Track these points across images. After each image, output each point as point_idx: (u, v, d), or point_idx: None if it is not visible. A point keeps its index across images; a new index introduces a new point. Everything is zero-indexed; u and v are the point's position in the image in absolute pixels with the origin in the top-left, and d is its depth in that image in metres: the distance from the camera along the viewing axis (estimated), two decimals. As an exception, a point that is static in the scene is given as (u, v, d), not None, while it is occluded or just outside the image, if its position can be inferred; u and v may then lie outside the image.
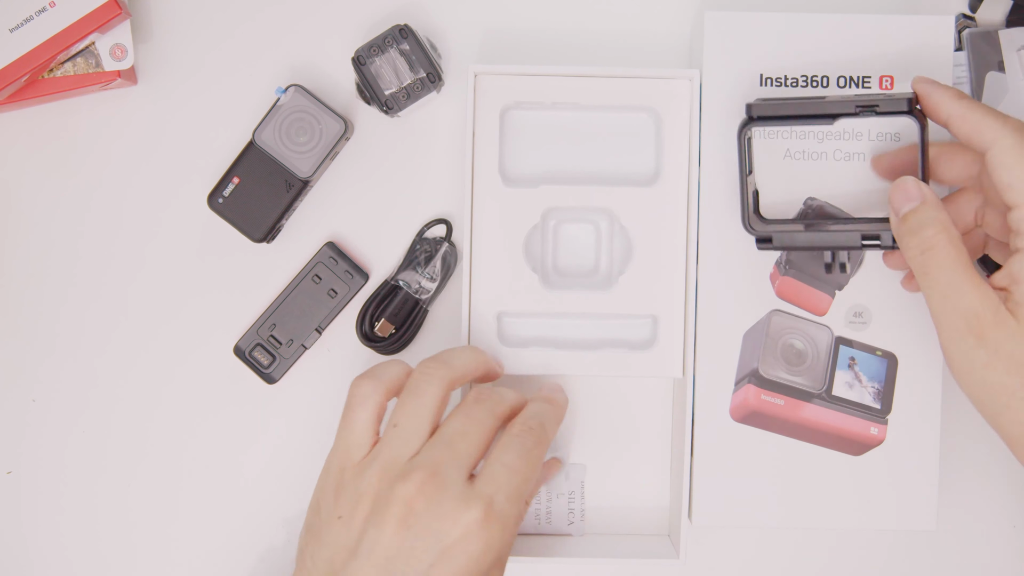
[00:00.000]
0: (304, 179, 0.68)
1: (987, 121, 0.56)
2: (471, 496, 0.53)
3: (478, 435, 0.56)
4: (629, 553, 0.69)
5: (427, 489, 0.53)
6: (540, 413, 0.59)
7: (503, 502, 0.54)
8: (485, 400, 0.58)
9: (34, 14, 0.65)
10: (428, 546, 0.53)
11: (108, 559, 0.72)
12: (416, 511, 0.53)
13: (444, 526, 0.53)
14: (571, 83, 0.68)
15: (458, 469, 0.54)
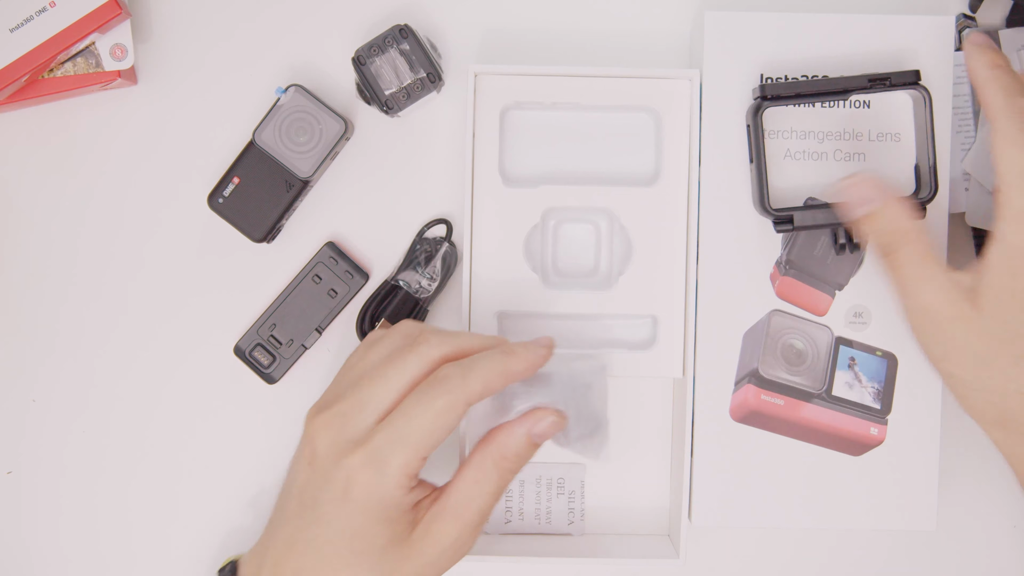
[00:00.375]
0: (304, 179, 0.68)
1: (992, 98, 0.56)
2: (360, 441, 0.54)
3: (396, 380, 0.55)
4: (629, 553, 0.69)
5: (328, 431, 0.55)
6: (468, 364, 0.55)
7: (384, 447, 0.53)
8: (419, 345, 0.56)
9: (34, 14, 0.65)
10: (324, 484, 0.54)
11: (107, 559, 0.72)
12: (318, 451, 0.55)
13: (333, 467, 0.54)
14: (571, 83, 0.68)
15: (363, 412, 0.55)
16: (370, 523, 0.54)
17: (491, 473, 0.56)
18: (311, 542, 0.55)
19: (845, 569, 0.73)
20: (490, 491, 0.56)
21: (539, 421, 0.57)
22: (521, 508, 0.71)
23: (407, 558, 0.55)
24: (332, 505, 0.54)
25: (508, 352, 0.56)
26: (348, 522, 0.54)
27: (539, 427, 0.57)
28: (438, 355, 0.56)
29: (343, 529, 0.54)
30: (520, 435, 0.56)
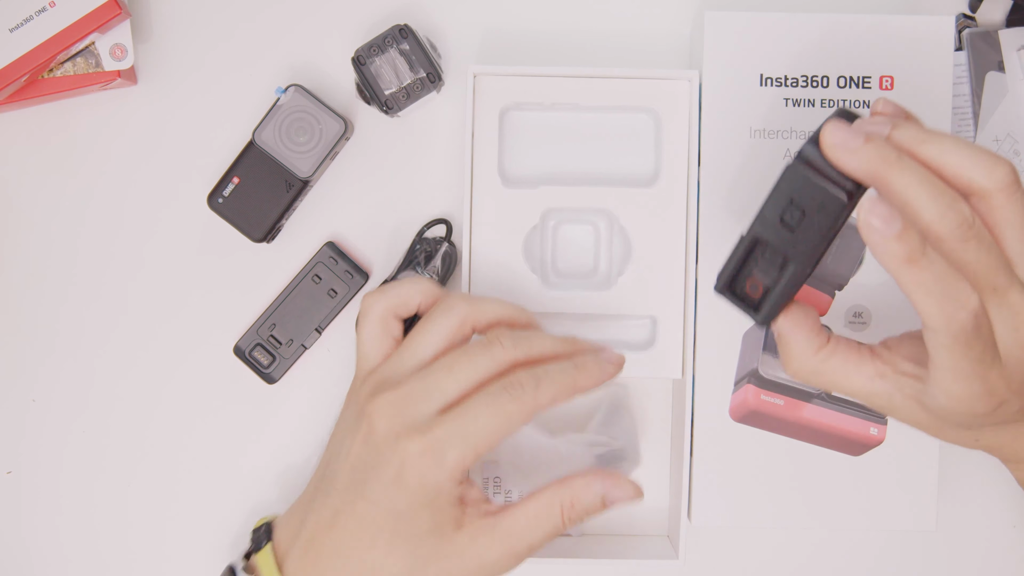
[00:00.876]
0: (304, 179, 0.68)
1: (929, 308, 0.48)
2: (420, 428, 0.54)
3: (465, 374, 0.55)
4: (628, 554, 0.69)
5: (389, 411, 0.55)
6: (542, 375, 0.55)
7: (445, 440, 0.53)
8: (493, 345, 0.57)
9: (34, 14, 0.65)
10: (378, 463, 0.55)
11: (107, 559, 0.72)
12: (376, 430, 0.55)
13: (389, 448, 0.54)
14: (570, 84, 0.68)
15: (427, 400, 0.55)
16: (417, 508, 0.54)
17: (554, 517, 0.56)
18: (355, 517, 0.55)
19: (845, 569, 0.73)
20: (547, 532, 0.56)
21: (617, 488, 0.57)
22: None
23: (445, 555, 0.55)
24: (383, 485, 0.54)
25: (580, 367, 0.56)
26: (396, 504, 0.54)
27: (615, 494, 0.57)
28: (511, 359, 0.56)
29: (389, 510, 0.54)
30: (596, 494, 0.56)
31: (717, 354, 0.67)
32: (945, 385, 0.50)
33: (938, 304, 0.47)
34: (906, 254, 0.46)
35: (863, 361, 0.53)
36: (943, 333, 0.48)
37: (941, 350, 0.48)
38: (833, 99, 0.66)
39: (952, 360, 0.48)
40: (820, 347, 0.53)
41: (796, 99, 0.66)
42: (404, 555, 0.55)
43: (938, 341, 0.48)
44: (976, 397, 0.49)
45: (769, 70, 0.66)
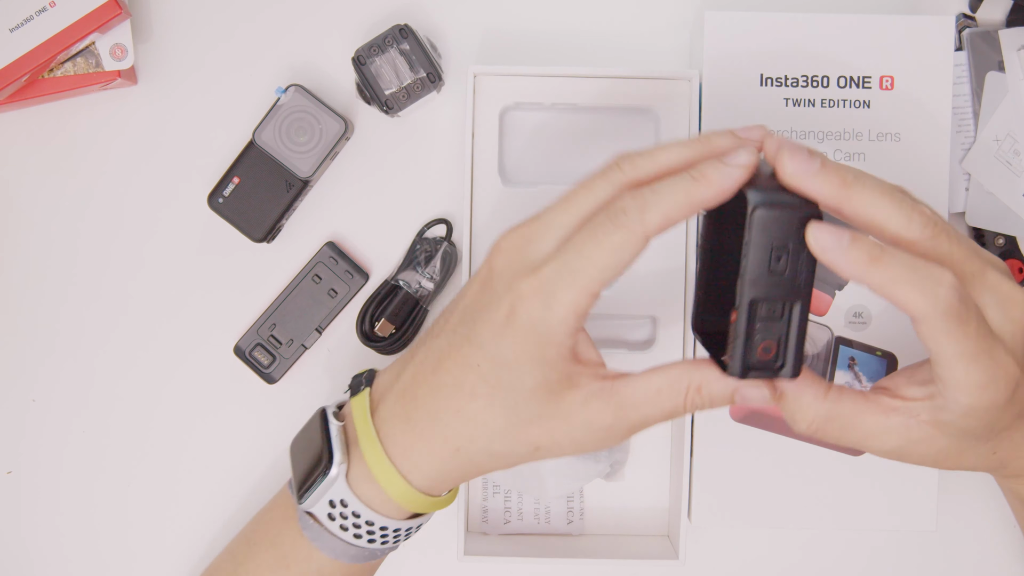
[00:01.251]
0: (304, 179, 0.68)
1: (916, 299, 0.47)
2: (534, 267, 0.50)
3: (580, 206, 0.50)
4: (628, 554, 0.69)
5: (509, 250, 0.51)
6: (649, 195, 0.48)
7: (554, 279, 0.49)
8: (612, 169, 0.51)
9: (34, 14, 0.65)
10: (490, 303, 0.51)
11: (107, 559, 0.72)
12: (494, 269, 0.51)
13: (503, 287, 0.50)
14: (570, 83, 0.68)
15: (544, 237, 0.50)
16: (525, 359, 0.50)
17: (678, 396, 0.51)
18: (459, 362, 0.52)
19: (845, 569, 0.73)
20: (666, 410, 0.51)
21: (753, 388, 0.51)
22: (520, 508, 0.71)
23: (550, 415, 0.51)
24: (491, 327, 0.50)
25: (697, 178, 0.48)
26: (503, 351, 0.50)
27: (750, 394, 0.51)
28: (628, 179, 0.50)
29: (495, 356, 0.50)
30: (728, 390, 0.51)
31: (717, 354, 0.67)
32: (958, 378, 0.48)
33: (916, 289, 0.46)
34: (868, 255, 0.46)
35: (871, 400, 0.51)
36: (933, 316, 0.46)
37: (939, 336, 0.47)
38: (833, 99, 0.66)
39: (954, 342, 0.47)
40: (827, 390, 0.51)
41: (796, 99, 0.66)
42: (506, 410, 0.51)
43: (933, 328, 0.47)
44: (992, 380, 0.48)
45: (769, 70, 0.66)
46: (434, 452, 0.53)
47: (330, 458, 0.55)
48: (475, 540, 0.70)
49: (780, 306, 0.48)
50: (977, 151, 0.69)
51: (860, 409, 0.51)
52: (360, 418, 0.55)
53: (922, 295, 0.46)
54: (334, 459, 0.54)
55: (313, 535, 0.56)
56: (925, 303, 0.46)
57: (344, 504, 0.55)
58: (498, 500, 0.71)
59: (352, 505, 0.55)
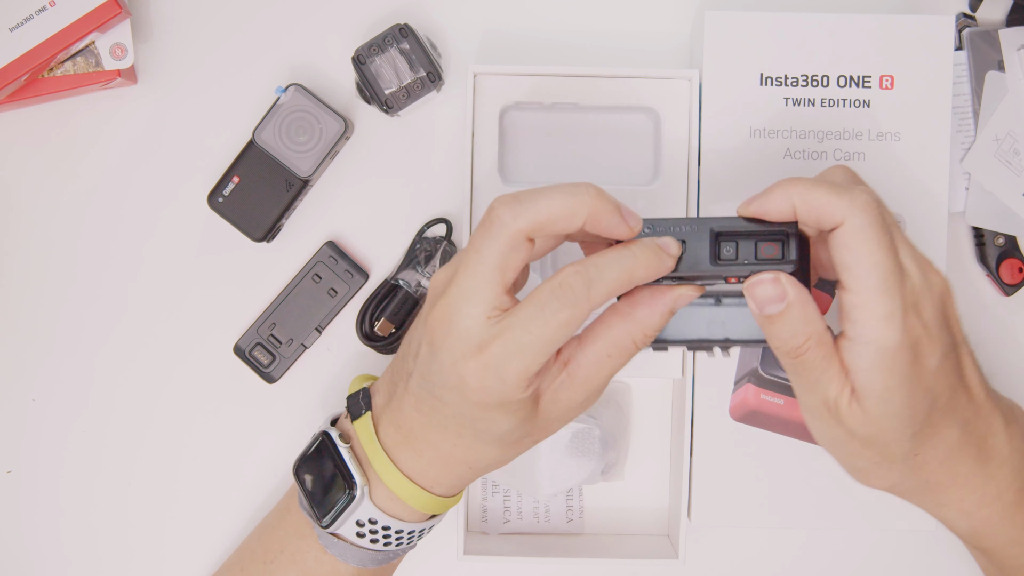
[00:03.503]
0: (304, 178, 0.68)
1: (833, 200, 0.50)
2: (475, 349, 0.51)
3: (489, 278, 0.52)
4: (628, 553, 0.69)
5: (443, 329, 0.52)
6: (594, 275, 0.51)
7: (503, 357, 0.50)
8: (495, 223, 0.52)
9: (34, 13, 0.65)
10: (443, 378, 0.52)
11: (107, 558, 0.72)
12: (436, 345, 0.52)
13: (451, 368, 0.52)
14: (570, 83, 0.68)
15: (473, 313, 0.51)
16: (490, 414, 0.52)
17: (628, 349, 0.53)
18: (434, 409, 0.54)
19: (845, 569, 0.73)
20: (621, 364, 0.53)
21: (681, 297, 0.53)
22: (520, 508, 0.71)
23: (534, 428, 0.54)
24: (451, 394, 0.52)
25: (632, 257, 0.51)
26: (467, 410, 0.52)
27: (679, 302, 0.53)
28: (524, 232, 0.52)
29: (463, 414, 0.53)
30: (664, 311, 0.52)
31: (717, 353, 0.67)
32: (866, 299, 0.49)
33: (834, 194, 0.49)
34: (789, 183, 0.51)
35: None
36: (850, 217, 0.49)
37: (856, 240, 0.49)
38: (833, 98, 0.66)
39: (868, 250, 0.49)
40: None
41: (796, 99, 0.66)
42: (493, 443, 0.54)
43: (849, 232, 0.49)
44: (897, 315, 0.49)
45: (769, 70, 0.66)
46: (451, 469, 0.56)
47: (351, 482, 0.56)
48: (475, 539, 0.70)
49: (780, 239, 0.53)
50: (977, 151, 0.69)
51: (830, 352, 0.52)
52: (369, 442, 0.57)
53: (839, 198, 0.49)
54: (356, 482, 0.56)
55: (339, 552, 0.58)
56: (842, 203, 0.49)
57: (373, 521, 0.57)
58: (497, 499, 0.71)
59: (381, 520, 0.57)
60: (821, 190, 0.50)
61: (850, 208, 0.49)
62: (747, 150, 0.66)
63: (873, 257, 0.49)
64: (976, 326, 0.72)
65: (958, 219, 0.70)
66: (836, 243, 0.50)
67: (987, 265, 0.71)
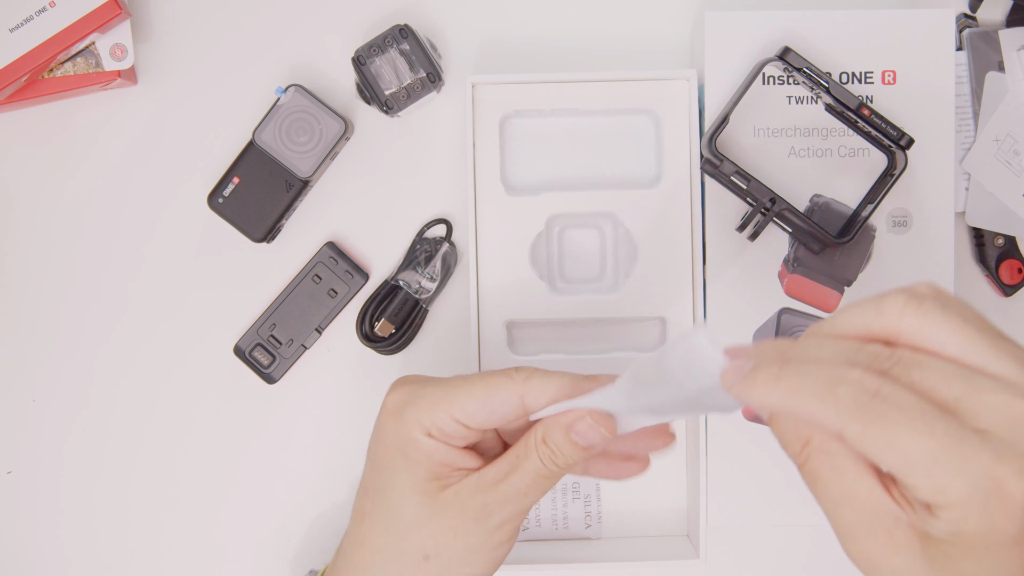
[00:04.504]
0: (304, 179, 0.68)
1: (822, 404, 0.40)
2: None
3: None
4: (649, 555, 0.68)
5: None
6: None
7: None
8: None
9: (34, 14, 0.65)
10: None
11: (107, 559, 0.72)
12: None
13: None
14: (569, 89, 0.68)
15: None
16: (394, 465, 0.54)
17: (530, 454, 0.52)
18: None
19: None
20: (528, 470, 0.52)
21: (579, 420, 0.51)
22: (537, 515, 0.71)
23: (430, 517, 0.53)
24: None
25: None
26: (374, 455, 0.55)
27: (577, 426, 0.51)
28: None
29: (371, 461, 0.55)
30: (561, 428, 0.52)
31: (725, 353, 0.67)
32: (919, 482, 0.39)
33: (814, 396, 0.40)
34: (767, 376, 0.41)
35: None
36: (841, 422, 0.39)
37: (862, 446, 0.39)
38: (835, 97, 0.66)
39: (879, 446, 0.39)
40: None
41: (798, 97, 0.66)
42: (384, 523, 0.55)
43: (853, 440, 0.39)
44: (977, 488, 0.38)
45: (770, 68, 0.66)
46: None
47: None
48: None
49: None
50: (977, 151, 0.69)
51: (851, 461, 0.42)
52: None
53: (817, 397, 0.40)
54: None
55: None
56: (823, 407, 0.40)
57: None
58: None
59: None
60: (804, 397, 0.40)
61: (835, 410, 0.40)
62: (749, 149, 0.66)
63: (893, 451, 0.39)
64: (976, 326, 0.72)
65: (958, 219, 0.70)
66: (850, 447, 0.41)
67: (987, 265, 0.71)
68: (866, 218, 0.64)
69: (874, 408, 0.39)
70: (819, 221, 0.65)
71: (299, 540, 0.72)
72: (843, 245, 0.64)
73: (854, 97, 0.63)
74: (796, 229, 0.65)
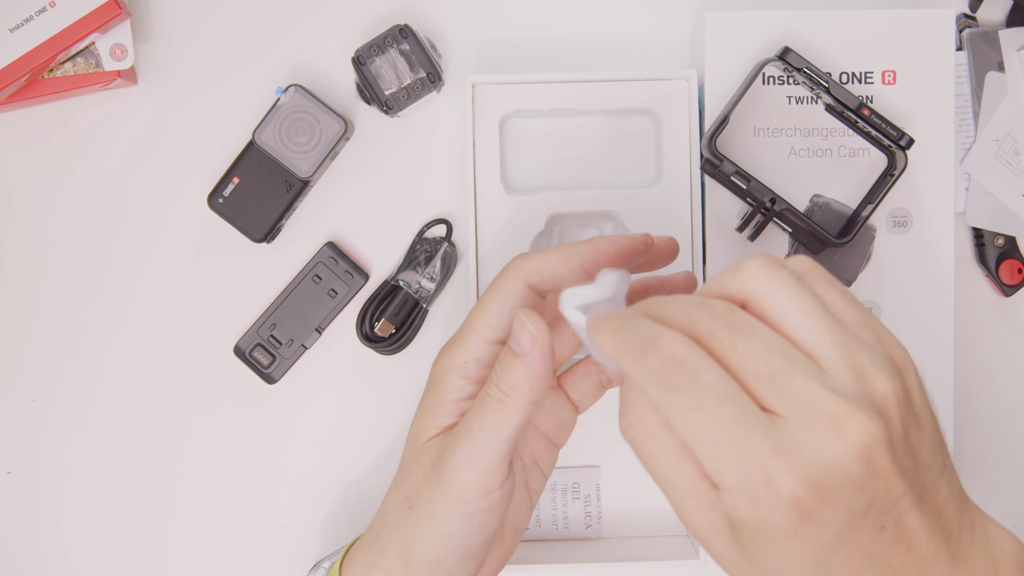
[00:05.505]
0: (304, 179, 0.68)
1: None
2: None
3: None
4: (649, 555, 0.68)
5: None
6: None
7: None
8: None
9: (34, 14, 0.65)
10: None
11: (107, 559, 0.72)
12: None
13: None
14: (569, 89, 0.68)
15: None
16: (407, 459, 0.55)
17: (488, 392, 0.52)
18: None
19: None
20: (492, 410, 0.51)
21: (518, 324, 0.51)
22: (537, 515, 0.71)
23: (431, 496, 0.53)
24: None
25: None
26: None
27: (513, 329, 0.51)
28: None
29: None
30: (506, 350, 0.51)
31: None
32: (708, 467, 0.40)
33: (627, 350, 0.41)
34: (608, 328, 0.43)
35: None
36: (643, 381, 0.41)
37: (664, 409, 0.40)
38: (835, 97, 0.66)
39: (674, 416, 0.40)
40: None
41: (798, 97, 0.66)
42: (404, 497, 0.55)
43: (655, 400, 0.41)
44: (748, 477, 0.39)
45: (770, 68, 0.66)
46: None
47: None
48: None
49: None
50: (977, 151, 0.69)
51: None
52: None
53: (632, 356, 0.41)
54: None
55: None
56: (634, 367, 0.41)
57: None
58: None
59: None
60: (619, 350, 0.42)
61: (641, 371, 0.41)
62: (750, 149, 0.66)
63: (684, 426, 0.41)
64: (975, 327, 0.72)
65: (958, 219, 0.70)
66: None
67: (986, 266, 0.71)
68: (866, 218, 0.64)
69: (674, 378, 0.40)
70: (819, 221, 0.65)
71: (299, 540, 0.72)
72: (843, 245, 0.64)
73: (854, 97, 0.63)
74: (796, 229, 0.65)
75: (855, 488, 0.39)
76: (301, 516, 0.72)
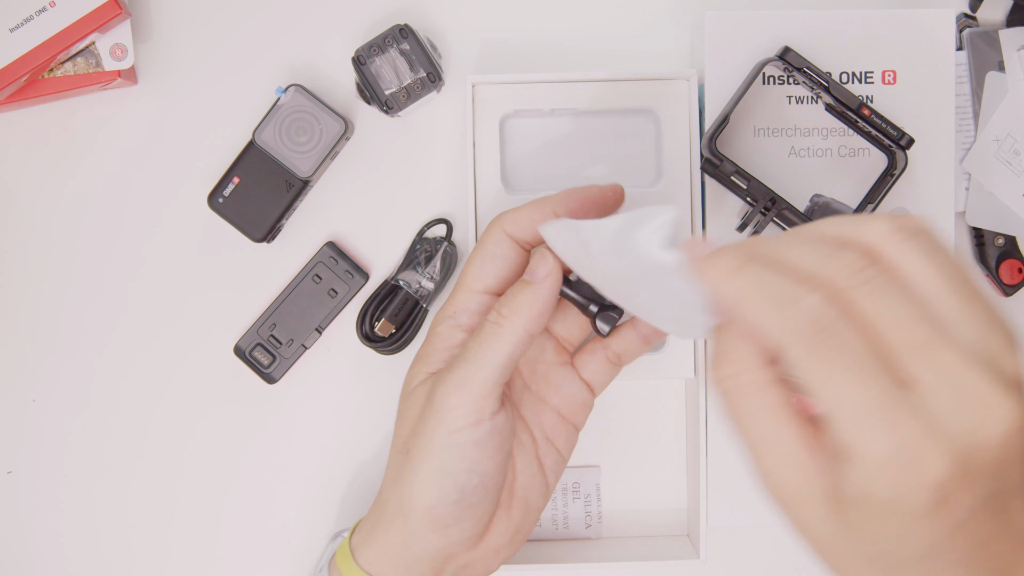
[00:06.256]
0: (304, 179, 0.68)
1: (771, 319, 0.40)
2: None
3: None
4: (649, 555, 0.68)
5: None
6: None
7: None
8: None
9: (34, 14, 0.65)
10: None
11: (107, 559, 0.72)
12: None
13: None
14: (569, 89, 0.68)
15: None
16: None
17: (488, 319, 0.54)
18: None
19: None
20: (488, 334, 0.53)
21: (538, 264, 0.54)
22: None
23: (423, 431, 0.54)
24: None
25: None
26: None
27: (532, 261, 0.55)
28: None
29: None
30: (519, 281, 0.54)
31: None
32: (847, 437, 0.38)
33: (768, 307, 0.39)
34: (728, 266, 0.41)
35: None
36: (790, 343, 0.38)
37: (805, 372, 0.39)
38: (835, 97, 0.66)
39: (825, 379, 0.38)
40: None
41: (799, 97, 0.66)
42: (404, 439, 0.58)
43: (797, 362, 0.38)
44: (895, 454, 0.37)
45: (770, 68, 0.66)
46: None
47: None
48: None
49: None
50: (977, 151, 0.69)
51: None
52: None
53: (769, 307, 0.39)
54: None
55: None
56: (771, 321, 0.39)
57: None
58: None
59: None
60: (756, 305, 0.40)
61: (786, 329, 0.39)
62: (750, 149, 0.66)
63: (834, 389, 0.39)
64: (976, 326, 0.72)
65: (958, 219, 0.70)
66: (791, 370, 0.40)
67: (987, 265, 0.71)
68: None
69: (821, 341, 0.38)
70: None
71: (299, 540, 0.72)
72: None
73: (854, 97, 0.63)
74: None
75: (993, 473, 0.38)
76: (301, 516, 0.72)
